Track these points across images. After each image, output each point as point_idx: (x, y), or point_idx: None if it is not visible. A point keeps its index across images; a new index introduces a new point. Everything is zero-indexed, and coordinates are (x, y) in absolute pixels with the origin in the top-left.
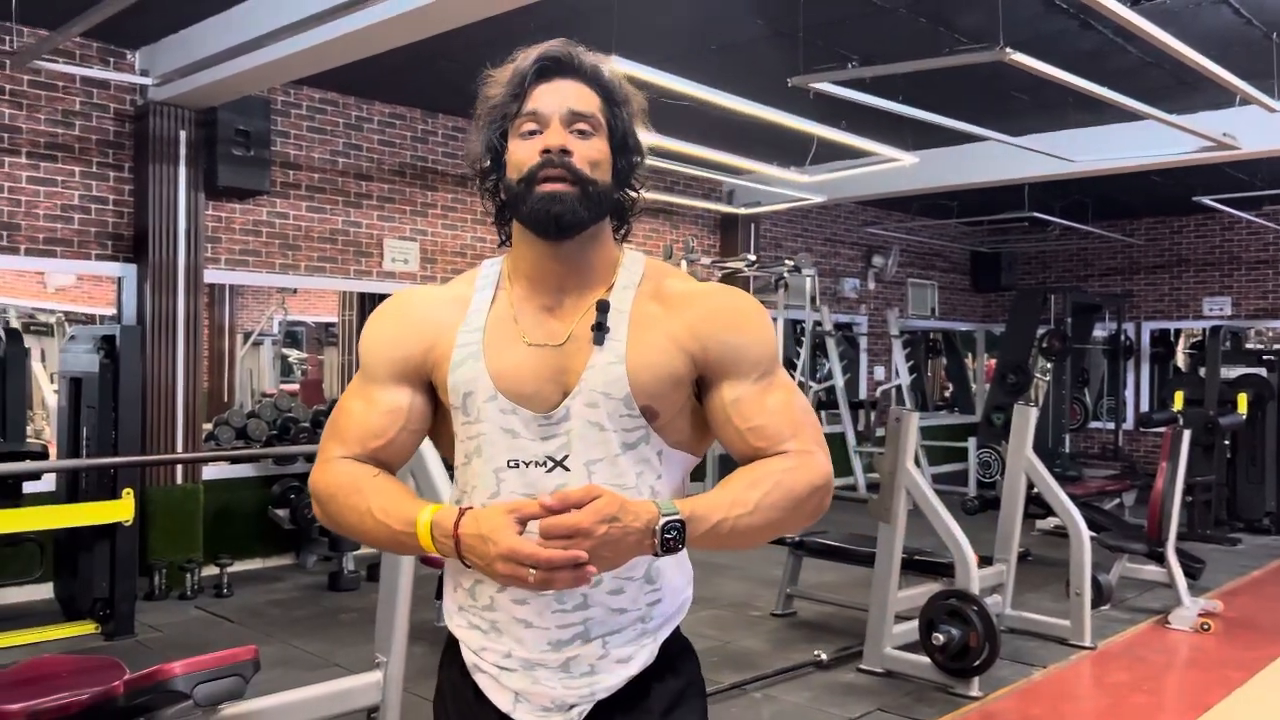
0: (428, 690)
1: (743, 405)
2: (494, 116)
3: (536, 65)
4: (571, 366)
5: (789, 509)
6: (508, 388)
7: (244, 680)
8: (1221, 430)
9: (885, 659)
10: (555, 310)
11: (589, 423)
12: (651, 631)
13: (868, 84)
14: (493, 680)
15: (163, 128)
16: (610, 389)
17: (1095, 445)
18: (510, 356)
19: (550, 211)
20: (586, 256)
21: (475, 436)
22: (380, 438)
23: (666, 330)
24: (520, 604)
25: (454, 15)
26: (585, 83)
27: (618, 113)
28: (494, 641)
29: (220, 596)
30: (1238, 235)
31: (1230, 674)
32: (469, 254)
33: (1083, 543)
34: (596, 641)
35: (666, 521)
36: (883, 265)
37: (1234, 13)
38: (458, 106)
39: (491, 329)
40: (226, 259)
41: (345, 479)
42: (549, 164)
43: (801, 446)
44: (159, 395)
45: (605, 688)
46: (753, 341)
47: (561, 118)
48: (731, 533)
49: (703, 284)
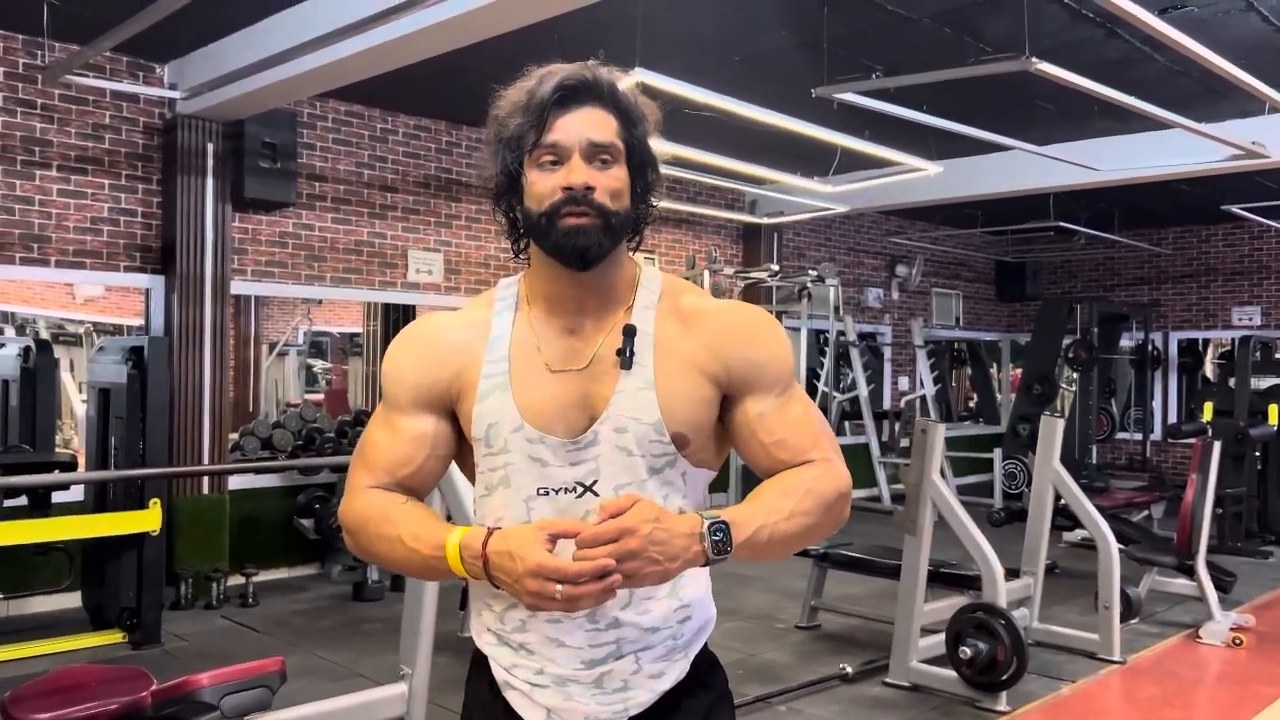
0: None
1: (766, 420)
2: (511, 143)
3: (556, 93)
4: (597, 391)
5: (820, 515)
6: (534, 418)
7: (271, 691)
8: (1252, 441)
9: (911, 673)
10: (577, 332)
11: (617, 448)
12: (682, 647)
13: (891, 94)
14: (524, 697)
15: (190, 141)
16: (640, 414)
17: (1122, 456)
18: (536, 385)
19: (575, 246)
20: (607, 279)
21: (501, 467)
22: (408, 465)
23: (689, 354)
24: (553, 623)
25: (478, 29)
26: (603, 107)
27: (635, 133)
28: (524, 659)
29: (246, 606)
30: (1267, 244)
31: (1262, 689)
32: (493, 265)
33: (1111, 555)
34: (629, 658)
35: (711, 523)
36: (906, 275)
37: (1263, 20)
38: (482, 119)
39: (515, 358)
40: (253, 270)
41: (374, 509)
42: (572, 200)
43: (823, 456)
44: (186, 405)
45: (638, 704)
46: (771, 357)
47: (582, 150)
48: (769, 540)
49: (719, 301)
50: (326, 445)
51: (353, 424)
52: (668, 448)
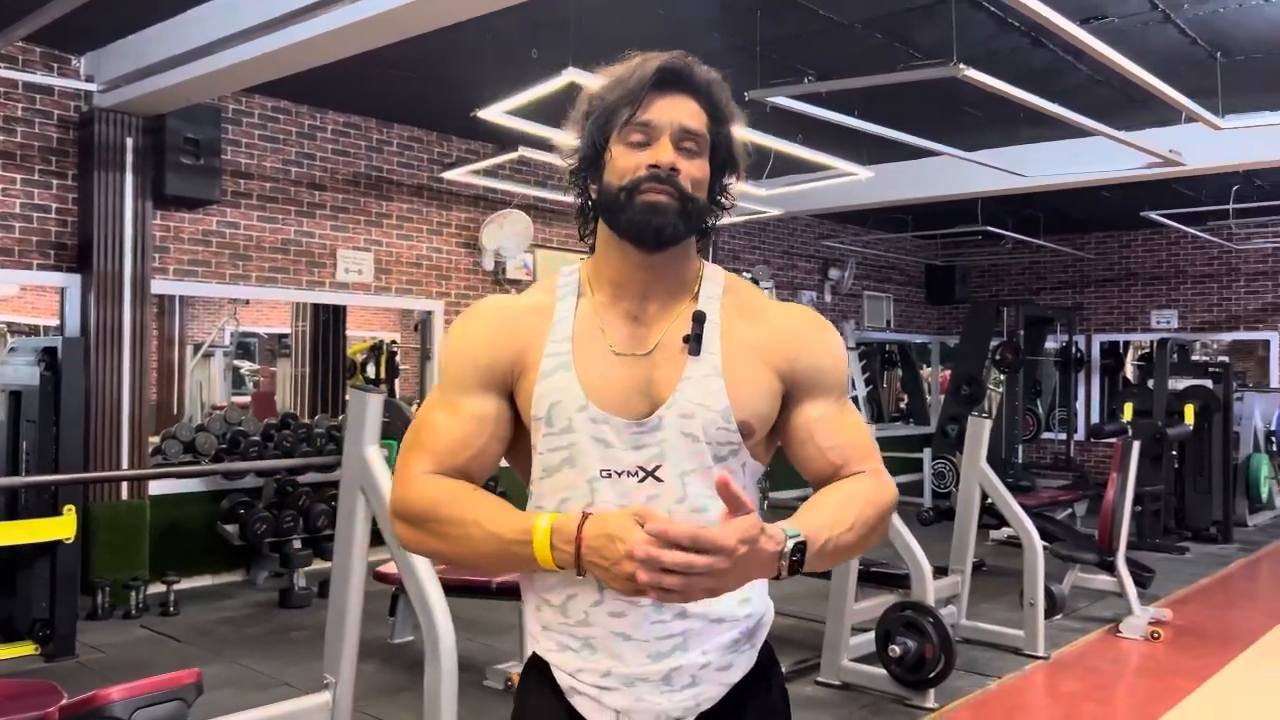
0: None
1: (825, 424)
2: (601, 117)
3: (656, 75)
4: (661, 377)
5: (875, 526)
6: (598, 398)
7: (186, 704)
8: (1169, 441)
9: (843, 671)
10: (640, 318)
11: (683, 434)
12: (747, 638)
13: (824, 98)
14: (593, 702)
15: (108, 135)
16: (708, 401)
17: (1048, 456)
18: (599, 366)
19: (652, 223)
20: (674, 267)
21: (567, 446)
22: (470, 447)
23: (758, 347)
24: (618, 617)
25: (407, 25)
26: (697, 99)
27: (723, 132)
28: (589, 661)
29: (167, 615)
30: (1184, 250)
31: (1179, 682)
32: (425, 265)
33: (1035, 553)
34: (696, 651)
35: (795, 544)
36: (839, 278)
37: (1179, 32)
38: (413, 116)
39: (579, 338)
40: (175, 269)
41: (443, 493)
42: (655, 178)
43: (875, 467)
44: (103, 409)
45: (709, 698)
46: (833, 364)
47: (672, 134)
48: (834, 551)
49: (783, 304)
50: (252, 449)
51: (279, 427)
52: (734, 436)
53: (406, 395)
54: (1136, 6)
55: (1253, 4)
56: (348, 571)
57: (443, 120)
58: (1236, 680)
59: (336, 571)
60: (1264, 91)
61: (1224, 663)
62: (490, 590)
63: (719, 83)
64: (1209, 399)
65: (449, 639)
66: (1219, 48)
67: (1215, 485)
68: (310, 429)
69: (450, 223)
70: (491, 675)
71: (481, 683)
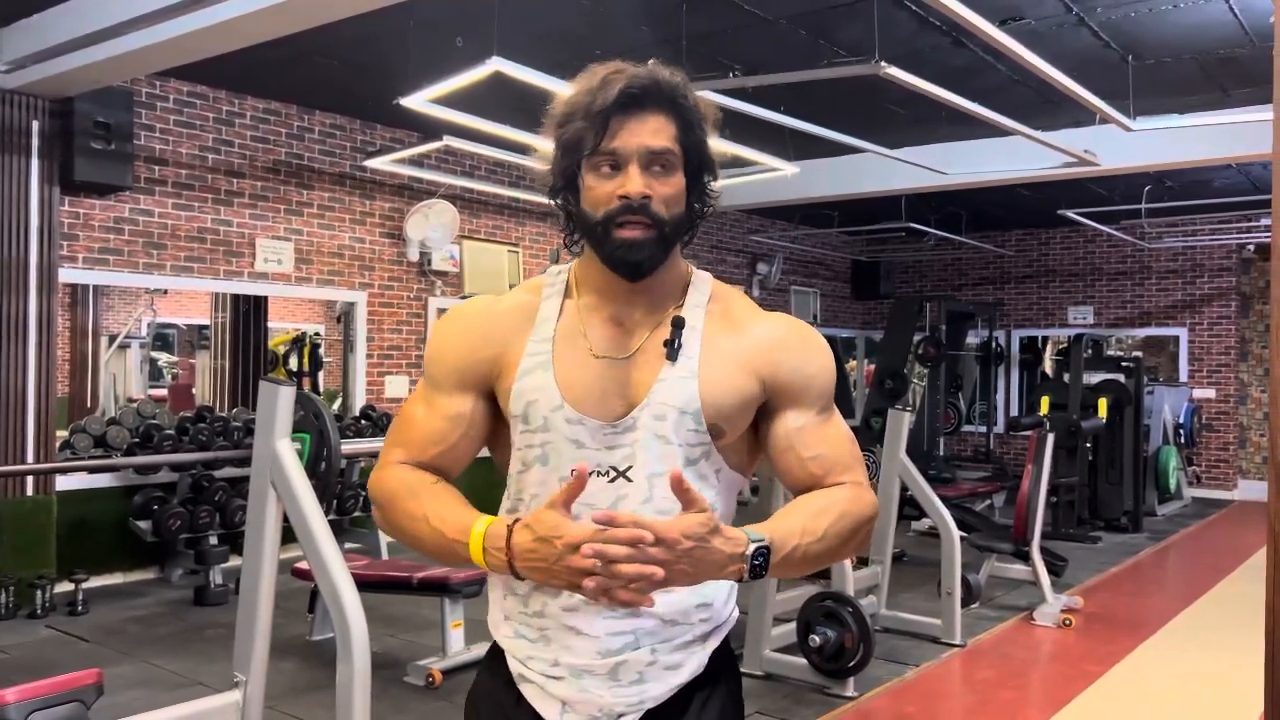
0: (298, 709)
1: (806, 434)
2: (570, 146)
3: (618, 101)
4: (639, 379)
5: (848, 538)
6: (574, 398)
7: (85, 706)
8: (1083, 433)
9: (764, 661)
10: (624, 323)
11: (655, 435)
12: (701, 639)
13: (750, 94)
14: (539, 689)
15: (12, 118)
16: (681, 403)
17: (969, 448)
18: (578, 368)
19: (629, 260)
20: (659, 279)
21: (540, 445)
22: (441, 444)
23: (738, 352)
24: (571, 611)
25: (328, 10)
26: (664, 112)
27: (693, 138)
28: (541, 650)
29: (74, 614)
30: (1099, 248)
31: (1090, 668)
32: (347, 255)
33: (953, 543)
34: (646, 649)
35: (756, 548)
36: (767, 273)
37: (1093, 35)
38: (335, 103)
39: (560, 340)
40: (85, 257)
41: (403, 485)
42: (628, 209)
43: (856, 479)
44: (8, 401)
45: (654, 696)
46: (819, 373)
47: (640, 159)
48: (801, 559)
49: (770, 313)
50: (166, 443)
51: (195, 420)
52: (704, 437)
53: (331, 389)
54: (1052, 9)
55: (1162, 9)
56: (258, 567)
57: (366, 108)
58: (1144, 664)
59: (247, 568)
60: (1173, 95)
61: (1132, 648)
62: (412, 586)
63: (683, 87)
64: (1121, 393)
65: (361, 634)
66: (1130, 51)
67: (1126, 476)
68: (227, 422)
69: (374, 212)
70: (413, 672)
71: (402, 679)
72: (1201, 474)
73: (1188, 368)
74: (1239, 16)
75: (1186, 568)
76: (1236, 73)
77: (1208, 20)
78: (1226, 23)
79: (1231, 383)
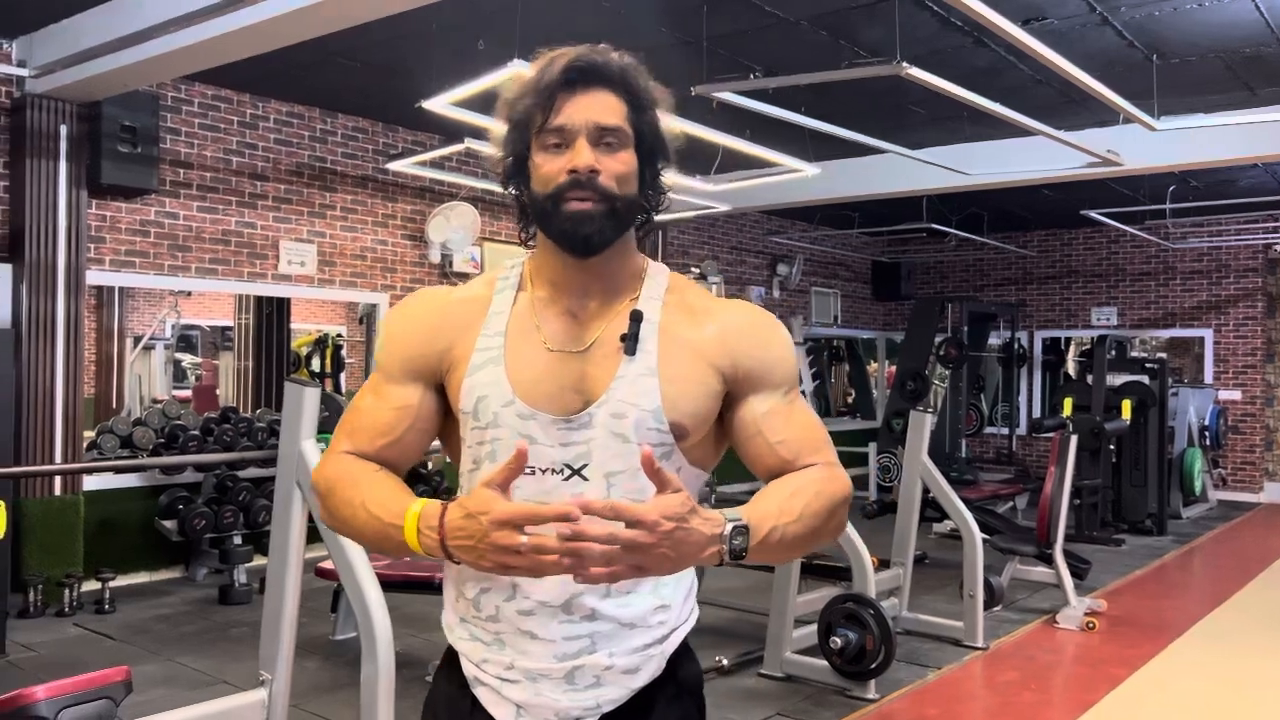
0: (321, 707)
1: (773, 419)
2: (518, 125)
3: (563, 76)
4: (595, 374)
5: (827, 519)
6: (526, 393)
7: (114, 703)
8: (1107, 435)
9: (785, 663)
10: (579, 315)
11: (613, 434)
12: (659, 641)
13: (770, 95)
14: (493, 693)
15: (42, 121)
16: (640, 400)
17: (991, 450)
18: (531, 363)
19: (579, 232)
20: (612, 267)
21: (489, 442)
22: (388, 435)
23: (696, 345)
24: (526, 615)
25: (351, 14)
26: (612, 90)
27: (644, 118)
28: (496, 653)
29: (101, 613)
30: (1123, 248)
31: (1113, 671)
32: (369, 257)
33: (975, 546)
34: (603, 653)
35: (735, 526)
36: (787, 274)
37: (1117, 34)
38: (358, 106)
39: (512, 334)
40: (111, 260)
41: (345, 474)
42: (576, 184)
43: (828, 460)
44: (36, 401)
45: (611, 700)
46: (779, 358)
47: (588, 133)
48: (780, 542)
49: (727, 300)
50: (191, 444)
51: (219, 421)
52: (665, 437)
53: (353, 389)
54: (1075, 8)
55: (1186, 7)
56: (284, 566)
57: (388, 111)
58: (1168, 668)
59: (272, 567)
60: (1198, 94)
61: (1156, 651)
62: (434, 585)
63: (634, 68)
64: (1145, 394)
65: (385, 634)
66: (1155, 50)
67: (1151, 479)
68: (251, 423)
69: (396, 215)
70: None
71: (424, 678)
72: (1227, 476)
73: (1213, 369)
74: (1265, 15)
75: (1212, 571)
76: (1262, 71)
77: (1233, 19)
78: (1252, 21)
79: (1258, 384)
